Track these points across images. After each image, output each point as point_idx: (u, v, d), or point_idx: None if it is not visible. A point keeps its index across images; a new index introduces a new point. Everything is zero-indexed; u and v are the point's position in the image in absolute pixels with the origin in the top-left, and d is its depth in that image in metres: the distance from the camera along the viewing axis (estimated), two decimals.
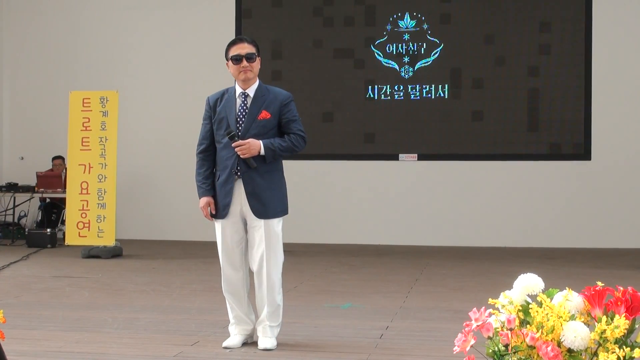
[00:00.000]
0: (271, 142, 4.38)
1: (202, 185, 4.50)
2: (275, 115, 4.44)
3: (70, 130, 9.51)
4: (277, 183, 4.47)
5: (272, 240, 4.40)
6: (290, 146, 4.43)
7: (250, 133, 4.39)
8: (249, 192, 4.37)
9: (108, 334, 4.82)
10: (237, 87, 4.51)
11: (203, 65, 11.51)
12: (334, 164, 11.37)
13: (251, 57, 4.43)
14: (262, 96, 4.47)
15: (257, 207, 4.37)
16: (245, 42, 4.47)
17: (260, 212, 4.38)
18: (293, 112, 4.50)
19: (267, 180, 4.41)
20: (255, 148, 4.34)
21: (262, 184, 4.39)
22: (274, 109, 4.44)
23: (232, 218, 4.44)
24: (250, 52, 4.43)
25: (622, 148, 10.83)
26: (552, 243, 10.71)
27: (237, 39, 4.54)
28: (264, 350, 4.38)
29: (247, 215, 4.41)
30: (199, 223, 11.24)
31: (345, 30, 11.48)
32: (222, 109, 4.49)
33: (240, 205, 4.41)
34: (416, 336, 4.86)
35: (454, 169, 11.19)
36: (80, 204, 9.36)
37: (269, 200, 4.39)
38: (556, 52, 10.98)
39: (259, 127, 4.41)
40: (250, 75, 4.44)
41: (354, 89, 11.41)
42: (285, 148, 4.42)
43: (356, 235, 11.20)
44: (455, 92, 11.20)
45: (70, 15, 12.22)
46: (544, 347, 2.50)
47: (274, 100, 4.46)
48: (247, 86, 4.47)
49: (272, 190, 4.42)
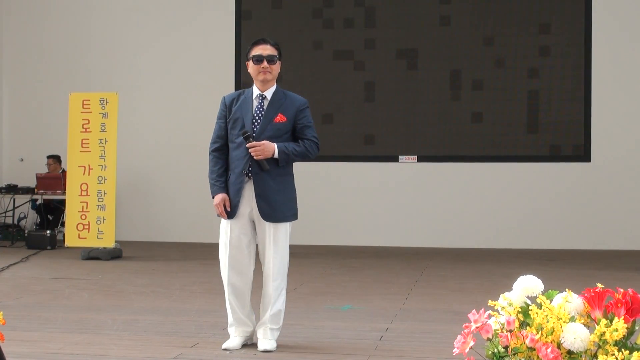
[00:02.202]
0: (285, 146, 4.38)
1: (216, 183, 4.47)
2: (290, 120, 4.45)
3: (70, 131, 9.51)
4: (288, 187, 4.47)
5: (279, 244, 4.39)
6: (304, 152, 4.45)
7: (265, 135, 4.39)
8: (259, 193, 4.36)
9: (108, 336, 4.82)
10: (255, 89, 4.51)
11: (203, 67, 11.52)
12: (334, 166, 11.38)
13: (272, 60, 4.43)
14: (279, 100, 4.47)
15: (266, 209, 4.37)
16: (268, 44, 4.47)
17: (268, 215, 4.37)
18: (308, 118, 4.52)
19: (278, 183, 4.41)
20: (269, 150, 4.33)
21: (272, 186, 4.38)
22: (290, 114, 4.45)
23: (240, 219, 4.42)
24: (271, 54, 4.43)
25: (621, 149, 10.84)
26: (551, 245, 10.70)
27: (260, 39, 4.52)
28: (264, 351, 4.37)
29: (256, 217, 4.41)
30: (198, 225, 11.32)
31: (344, 32, 11.48)
32: (238, 109, 4.48)
33: (250, 207, 4.40)
34: (416, 338, 4.85)
35: (453, 170, 11.19)
36: (80, 205, 9.36)
37: (279, 204, 4.38)
38: (556, 54, 10.99)
39: (274, 130, 4.41)
40: (269, 77, 4.44)
41: (353, 90, 11.42)
42: (299, 153, 4.43)
43: (356, 237, 11.20)
44: (455, 94, 11.21)
45: (70, 17, 12.23)
46: (543, 348, 2.50)
47: (290, 105, 4.47)
48: (265, 88, 4.48)
49: (282, 195, 4.41)
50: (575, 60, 10.94)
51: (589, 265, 8.90)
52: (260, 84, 4.47)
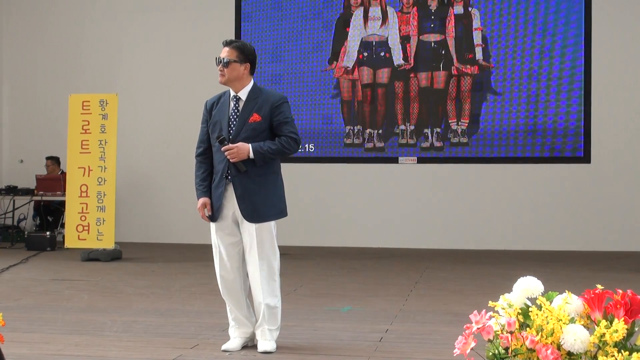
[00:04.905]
0: (260, 146, 4.36)
1: (199, 188, 4.51)
2: (266, 118, 4.41)
3: (69, 133, 9.51)
4: (270, 186, 4.44)
5: (265, 243, 4.38)
6: (281, 149, 4.40)
7: (241, 136, 4.38)
8: (239, 195, 4.37)
9: (107, 337, 4.82)
10: (231, 91, 4.50)
11: (203, 69, 11.50)
12: (334, 167, 11.37)
13: (225, 63, 4.39)
14: (254, 99, 4.45)
15: (248, 210, 4.36)
16: (227, 47, 4.45)
17: (251, 215, 4.37)
18: (285, 114, 4.45)
19: (259, 183, 4.40)
20: (244, 152, 4.32)
21: (252, 187, 4.38)
22: (265, 112, 4.41)
23: (224, 221, 4.44)
24: (226, 56, 4.40)
25: (621, 151, 10.84)
26: (551, 246, 10.70)
27: (223, 41, 4.52)
28: (264, 353, 4.37)
29: (239, 219, 4.41)
30: (198, 226, 11.25)
31: (344, 33, 11.48)
32: (216, 113, 4.50)
33: (232, 209, 4.41)
34: (416, 339, 4.85)
35: (453, 172, 11.19)
36: (80, 206, 9.36)
37: (261, 204, 4.38)
38: (556, 55, 10.99)
39: (250, 131, 4.39)
40: (222, 79, 4.42)
41: (353, 91, 11.42)
42: (274, 151, 4.39)
43: (356, 238, 11.20)
44: (454, 95, 11.20)
45: (70, 19, 12.23)
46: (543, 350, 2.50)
47: (265, 103, 4.43)
48: (238, 89, 4.46)
49: (264, 194, 4.40)
50: (575, 61, 10.94)
51: (589, 267, 8.90)
52: (232, 85, 4.46)
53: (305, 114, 11.39)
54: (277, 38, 11.61)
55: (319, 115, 11.37)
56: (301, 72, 11.52)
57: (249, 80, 4.49)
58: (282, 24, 11.63)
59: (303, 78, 11.51)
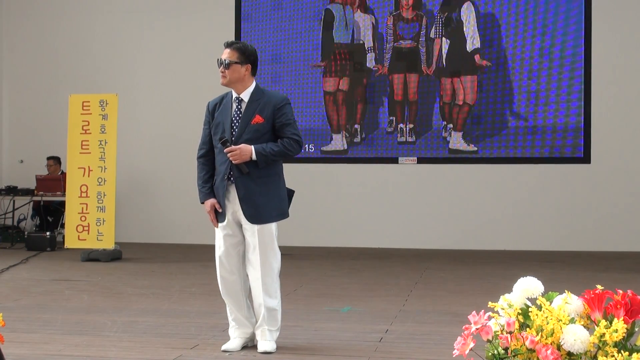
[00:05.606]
0: (263, 147, 4.36)
1: (202, 189, 4.50)
2: (268, 120, 4.42)
3: (69, 133, 9.51)
4: (272, 187, 4.45)
5: (266, 244, 4.39)
6: (283, 150, 4.41)
7: (244, 138, 4.39)
8: (241, 197, 4.37)
9: (107, 338, 4.82)
10: (233, 92, 4.50)
11: (203, 69, 11.50)
12: (334, 167, 11.38)
13: (226, 65, 4.39)
14: (256, 100, 4.45)
15: (250, 211, 4.37)
16: (228, 48, 4.46)
17: (253, 216, 4.37)
18: (287, 116, 4.46)
19: (261, 185, 4.40)
20: (246, 154, 4.33)
21: (255, 189, 4.38)
22: (268, 113, 4.42)
23: (226, 222, 4.44)
24: (225, 58, 4.41)
25: (621, 151, 10.83)
26: (551, 246, 10.70)
27: (224, 42, 4.52)
28: (264, 353, 4.37)
29: (242, 220, 4.41)
30: (198, 226, 11.29)
31: (345, 34, 11.49)
32: (219, 114, 4.50)
33: (233, 210, 4.41)
34: (416, 339, 4.85)
35: (453, 172, 11.19)
36: (80, 207, 9.36)
37: (263, 205, 4.38)
38: (556, 55, 10.99)
39: (252, 132, 4.40)
40: (224, 81, 4.43)
41: (353, 92, 11.42)
42: (277, 153, 4.39)
43: (356, 239, 11.20)
44: (454, 96, 11.20)
45: (70, 19, 12.23)
46: (543, 350, 2.50)
47: (267, 104, 4.44)
48: (240, 90, 4.46)
49: (266, 195, 4.40)
50: (575, 61, 10.94)
51: (589, 267, 8.90)
52: (234, 87, 4.47)
53: (305, 114, 11.39)
54: (277, 38, 11.62)
55: (319, 115, 11.37)
56: (301, 72, 11.53)
57: (250, 82, 4.49)
58: (282, 24, 11.64)
59: (303, 78, 11.51)
